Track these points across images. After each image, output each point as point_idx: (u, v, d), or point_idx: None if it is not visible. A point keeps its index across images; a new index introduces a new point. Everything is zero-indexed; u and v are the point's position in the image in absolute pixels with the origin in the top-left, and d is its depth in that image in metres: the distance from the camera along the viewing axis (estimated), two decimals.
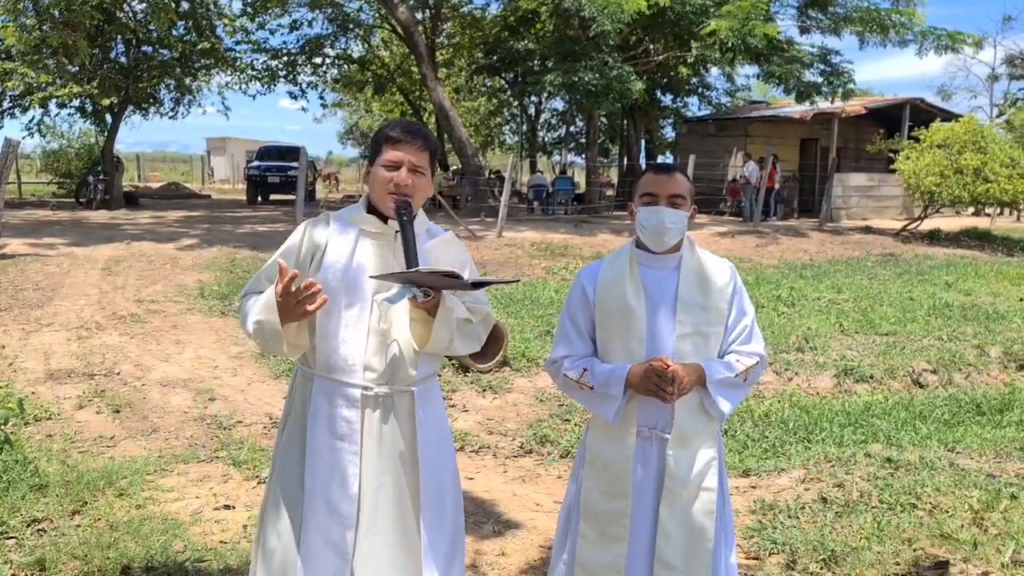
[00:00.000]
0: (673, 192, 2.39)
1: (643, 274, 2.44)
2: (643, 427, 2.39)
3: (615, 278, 2.44)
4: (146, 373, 6.38)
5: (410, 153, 2.33)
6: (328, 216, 2.43)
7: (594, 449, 2.46)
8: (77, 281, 9.75)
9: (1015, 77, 42.54)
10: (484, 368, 6.47)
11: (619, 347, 2.41)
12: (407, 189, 2.32)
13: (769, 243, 15.88)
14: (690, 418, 2.38)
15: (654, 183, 2.42)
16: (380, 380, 2.30)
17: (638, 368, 2.33)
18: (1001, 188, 16.30)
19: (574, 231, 16.19)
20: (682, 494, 2.36)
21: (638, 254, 2.47)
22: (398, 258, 2.31)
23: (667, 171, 2.47)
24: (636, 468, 2.38)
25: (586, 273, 2.53)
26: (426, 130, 2.43)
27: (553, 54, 20.88)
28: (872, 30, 18.39)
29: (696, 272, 2.43)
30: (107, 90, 18.77)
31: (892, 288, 10.80)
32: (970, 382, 6.71)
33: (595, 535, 2.42)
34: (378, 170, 2.34)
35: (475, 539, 3.87)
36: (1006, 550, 3.47)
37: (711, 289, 2.42)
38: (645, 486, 2.39)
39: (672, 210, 2.38)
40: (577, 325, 2.49)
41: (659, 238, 2.40)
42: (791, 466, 4.70)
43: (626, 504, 2.38)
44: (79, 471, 4.35)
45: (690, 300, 2.40)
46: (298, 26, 24.96)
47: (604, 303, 2.44)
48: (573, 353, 2.48)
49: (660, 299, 2.41)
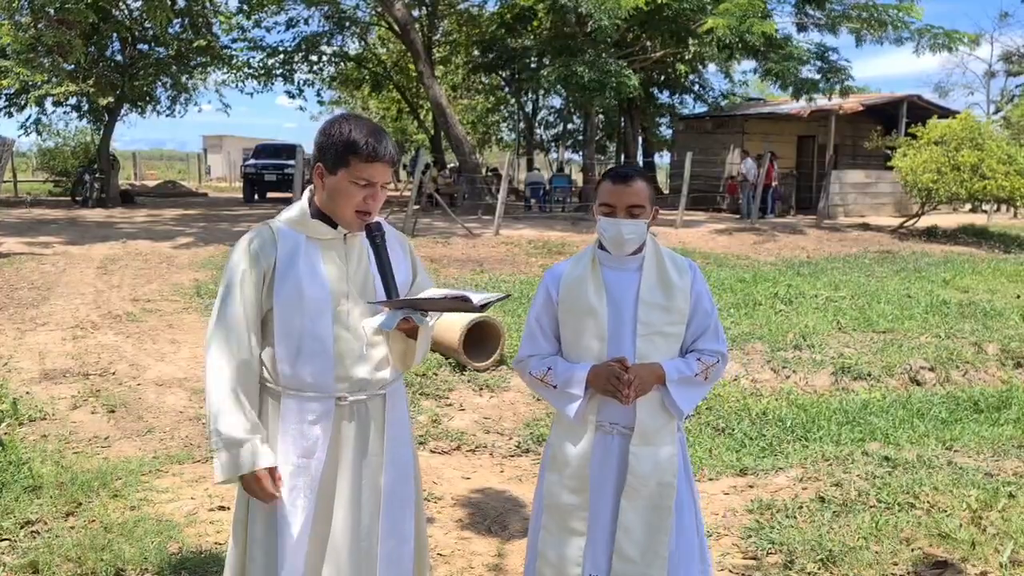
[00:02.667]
0: (630, 203, 2.39)
1: (605, 275, 2.46)
2: (604, 422, 2.43)
3: (578, 278, 2.47)
4: (141, 373, 6.35)
5: (383, 171, 2.21)
6: (270, 228, 2.27)
7: (556, 444, 2.50)
8: (72, 280, 9.72)
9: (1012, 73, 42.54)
10: (481, 367, 6.46)
11: (581, 346, 2.44)
12: (375, 206, 2.23)
13: (766, 240, 15.87)
14: (651, 416, 2.41)
15: (611, 194, 2.41)
16: (354, 388, 2.25)
17: (598, 368, 2.38)
18: (998, 185, 16.31)
19: (571, 229, 16.18)
20: (642, 490, 2.40)
21: (600, 255, 2.49)
22: (351, 264, 2.26)
23: (624, 180, 2.44)
24: (595, 463, 2.43)
25: (551, 274, 2.57)
26: (390, 138, 2.28)
27: (550, 51, 20.86)
28: (870, 25, 18.38)
29: (658, 272, 2.46)
30: (103, 88, 18.75)
31: (889, 285, 10.79)
32: (967, 380, 6.70)
33: (556, 528, 2.46)
34: (347, 185, 2.19)
35: (472, 539, 3.85)
36: (1004, 549, 3.45)
37: (672, 289, 2.44)
38: (605, 480, 2.43)
39: (630, 221, 2.39)
40: (542, 325, 2.53)
41: (618, 247, 2.43)
42: (789, 465, 4.69)
43: (585, 498, 2.43)
44: (73, 472, 4.33)
45: (651, 300, 2.42)
46: (294, 24, 24.95)
47: (567, 303, 2.47)
48: (538, 352, 2.52)
49: (622, 299, 2.43)
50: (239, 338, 2.19)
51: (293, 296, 2.20)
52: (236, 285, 2.20)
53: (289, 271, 2.21)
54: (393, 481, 2.30)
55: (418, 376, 6.15)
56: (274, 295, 2.20)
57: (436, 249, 12.72)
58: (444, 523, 4.03)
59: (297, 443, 2.22)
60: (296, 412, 2.23)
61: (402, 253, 2.40)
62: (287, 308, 2.20)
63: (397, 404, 2.36)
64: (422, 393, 5.96)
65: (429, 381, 6.19)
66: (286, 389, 2.23)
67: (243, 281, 2.20)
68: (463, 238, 13.97)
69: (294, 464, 2.22)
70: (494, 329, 6.53)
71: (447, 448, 5.14)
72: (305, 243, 2.24)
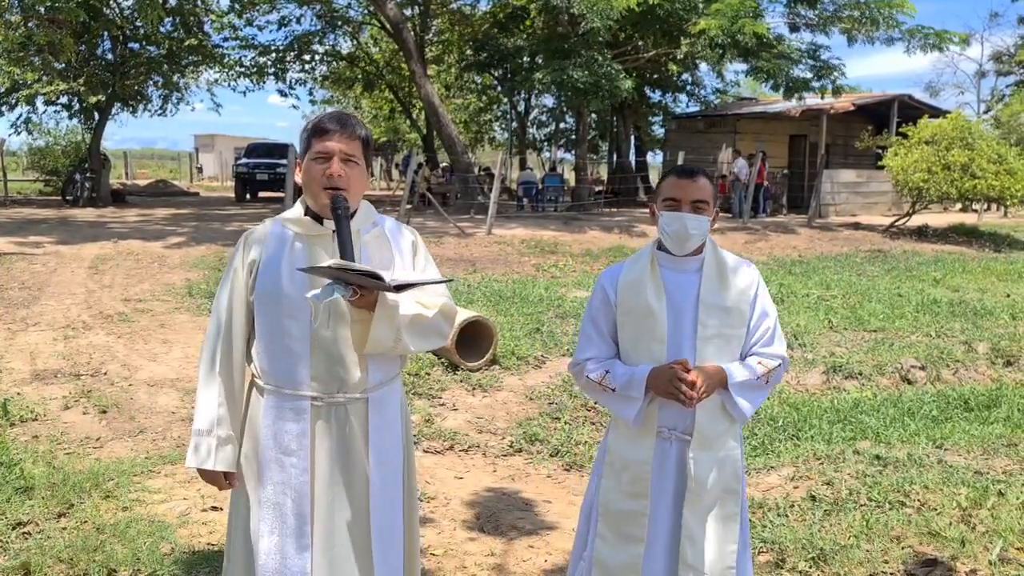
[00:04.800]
0: (696, 198, 2.37)
1: (664, 276, 2.42)
2: (663, 428, 2.39)
3: (636, 280, 2.43)
4: (133, 373, 6.33)
5: (341, 142, 2.20)
6: (265, 223, 2.34)
7: (614, 449, 2.46)
8: (63, 280, 9.68)
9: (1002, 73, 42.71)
10: (473, 366, 6.46)
11: (640, 349, 2.40)
12: (341, 181, 2.19)
13: (758, 239, 15.92)
14: (711, 420, 2.37)
15: (677, 188, 2.39)
16: (330, 389, 2.23)
17: (659, 371, 2.33)
18: (988, 184, 16.39)
19: (564, 228, 16.18)
20: (705, 497, 2.36)
21: (659, 256, 2.45)
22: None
23: (690, 175, 2.43)
24: (655, 469, 2.38)
25: (607, 276, 2.53)
26: (357, 119, 2.30)
27: (543, 51, 20.87)
28: (861, 24, 18.44)
29: (718, 274, 2.42)
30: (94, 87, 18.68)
31: (881, 284, 10.84)
32: (958, 378, 6.73)
33: (613, 535, 2.42)
34: (309, 165, 2.22)
35: (464, 539, 3.86)
36: (994, 547, 3.48)
37: (733, 291, 2.41)
38: (664, 487, 2.39)
39: (694, 216, 2.36)
40: (599, 328, 2.48)
41: (681, 243, 2.39)
42: (780, 464, 4.71)
43: (645, 505, 2.38)
44: (65, 473, 4.32)
45: (712, 302, 2.39)
46: (286, 23, 24.88)
47: (625, 305, 2.43)
48: (596, 355, 2.47)
49: (682, 301, 2.40)
50: (222, 327, 2.28)
51: (272, 291, 2.21)
52: (228, 276, 2.30)
53: (271, 266, 2.24)
54: (380, 487, 2.26)
55: (410, 376, 6.15)
56: (256, 289, 2.24)
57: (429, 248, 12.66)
58: (437, 523, 4.03)
59: (278, 440, 2.23)
60: (274, 409, 2.24)
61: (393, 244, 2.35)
62: (265, 303, 2.22)
63: (385, 410, 2.30)
64: (415, 393, 5.96)
65: (422, 381, 6.19)
66: (267, 385, 2.25)
67: (235, 272, 2.29)
68: (456, 237, 13.97)
69: (274, 461, 2.23)
70: (487, 329, 6.53)
71: (440, 448, 5.14)
72: (294, 239, 2.25)
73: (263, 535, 2.23)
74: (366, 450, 2.25)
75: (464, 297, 9.00)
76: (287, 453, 2.21)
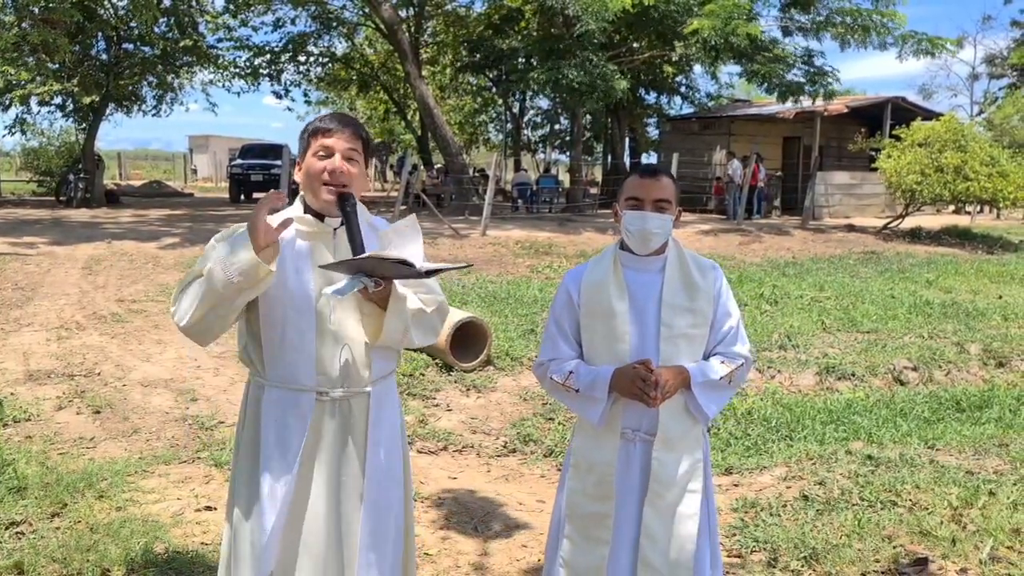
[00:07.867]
0: (658, 197, 2.36)
1: (627, 276, 2.41)
2: (627, 429, 2.38)
3: (599, 281, 2.42)
4: (127, 373, 6.33)
5: (343, 140, 2.22)
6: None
7: (579, 451, 2.46)
8: (57, 280, 9.66)
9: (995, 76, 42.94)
10: (468, 367, 6.47)
11: (603, 350, 2.39)
12: (344, 177, 2.21)
13: (752, 241, 15.96)
14: (675, 421, 2.37)
15: (639, 187, 2.38)
16: (334, 384, 2.24)
17: (622, 371, 2.32)
18: (981, 186, 16.47)
19: (559, 229, 16.20)
20: (667, 496, 2.35)
21: (622, 256, 2.44)
22: (338, 256, 2.23)
23: (652, 174, 2.43)
24: (620, 470, 2.38)
25: (571, 276, 2.51)
26: (357, 119, 2.33)
27: (537, 52, 20.90)
28: (853, 32, 18.52)
29: (681, 274, 2.41)
30: (88, 87, 18.64)
31: (874, 286, 10.88)
32: (950, 379, 6.76)
33: (580, 537, 2.42)
34: (310, 161, 2.23)
35: (458, 539, 3.87)
36: (984, 546, 3.50)
37: (696, 291, 2.40)
38: (628, 488, 2.38)
39: (657, 215, 2.35)
40: (562, 328, 2.47)
41: (644, 242, 2.38)
42: (773, 464, 4.73)
43: (610, 506, 2.37)
44: (59, 473, 4.31)
45: (675, 302, 2.38)
46: (281, 24, 24.85)
47: (588, 305, 2.42)
48: (559, 356, 2.46)
49: (645, 301, 2.39)
50: None
51: (277, 286, 2.20)
52: None
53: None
54: (375, 484, 2.28)
55: (405, 376, 6.16)
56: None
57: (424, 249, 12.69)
58: (431, 523, 4.04)
59: (280, 434, 2.23)
60: (278, 404, 2.24)
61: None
62: (270, 298, 2.21)
63: (384, 406, 2.33)
64: (409, 393, 5.96)
65: (416, 381, 6.19)
66: (270, 381, 2.25)
67: None
68: (450, 239, 13.97)
69: (275, 454, 2.23)
70: (481, 329, 6.54)
71: (434, 448, 5.15)
72: (295, 237, 2.26)
73: (263, 529, 2.22)
74: (364, 444, 2.27)
75: (458, 298, 9.01)
76: (288, 447, 2.22)
